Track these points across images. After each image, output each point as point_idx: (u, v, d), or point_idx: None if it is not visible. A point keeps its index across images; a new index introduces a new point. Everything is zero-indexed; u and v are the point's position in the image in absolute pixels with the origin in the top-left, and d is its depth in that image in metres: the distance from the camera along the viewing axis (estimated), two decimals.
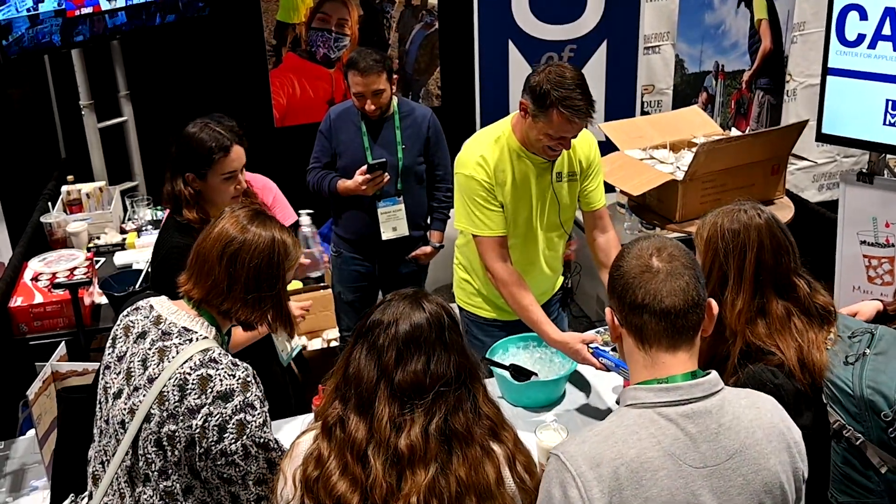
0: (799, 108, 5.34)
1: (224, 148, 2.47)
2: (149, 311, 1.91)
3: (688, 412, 1.50)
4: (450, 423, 1.60)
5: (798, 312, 2.00)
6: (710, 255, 2.03)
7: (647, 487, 1.44)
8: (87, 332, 3.28)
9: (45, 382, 2.41)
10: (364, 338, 1.65)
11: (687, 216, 3.73)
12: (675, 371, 1.53)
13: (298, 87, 4.85)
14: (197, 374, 1.77)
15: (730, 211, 2.06)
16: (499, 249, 2.77)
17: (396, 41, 4.92)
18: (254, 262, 1.87)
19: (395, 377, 1.59)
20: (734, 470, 1.50)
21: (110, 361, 1.91)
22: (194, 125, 2.54)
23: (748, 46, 5.07)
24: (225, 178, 2.50)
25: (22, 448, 2.59)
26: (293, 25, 4.75)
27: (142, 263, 3.54)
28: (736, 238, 2.00)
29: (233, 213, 1.95)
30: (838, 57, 3.71)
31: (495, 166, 2.74)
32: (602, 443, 1.48)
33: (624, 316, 1.57)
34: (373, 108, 3.46)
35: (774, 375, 1.92)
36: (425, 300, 1.68)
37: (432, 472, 1.57)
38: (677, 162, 3.91)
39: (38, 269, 3.53)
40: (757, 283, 1.99)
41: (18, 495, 2.40)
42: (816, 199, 5.43)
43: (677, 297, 1.52)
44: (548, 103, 2.58)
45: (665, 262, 1.55)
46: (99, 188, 4.18)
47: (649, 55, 4.95)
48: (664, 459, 1.46)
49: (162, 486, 1.80)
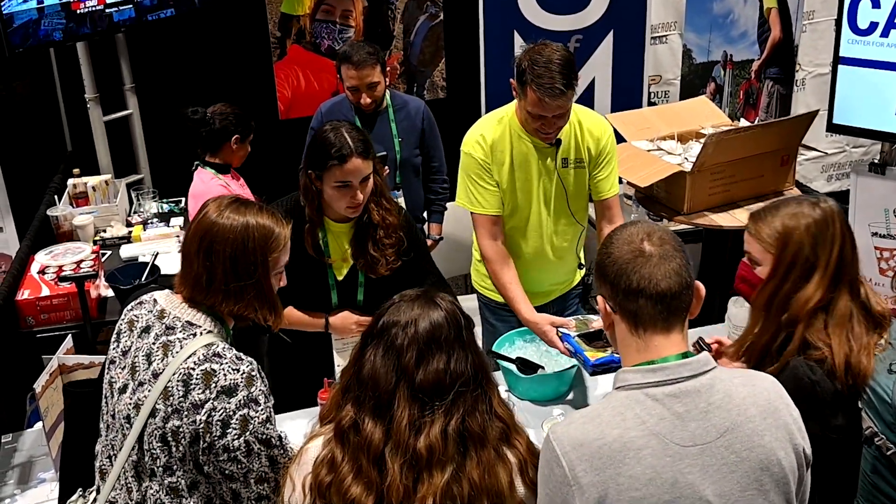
0: (808, 97, 5.30)
1: (341, 156, 2.40)
2: (153, 306, 1.89)
3: (675, 392, 1.52)
4: (467, 424, 1.59)
5: (860, 315, 1.96)
6: (792, 247, 1.96)
7: (631, 466, 1.46)
8: (93, 324, 3.28)
9: (52, 375, 2.42)
10: (378, 339, 1.63)
11: (695, 208, 3.70)
12: (668, 352, 1.55)
13: (303, 79, 4.83)
14: (201, 370, 1.76)
15: (803, 202, 2.02)
16: (490, 227, 2.79)
17: (401, 32, 4.89)
18: (227, 250, 1.81)
19: (416, 377, 1.58)
20: (726, 447, 1.50)
21: (115, 356, 1.90)
22: (330, 124, 2.50)
23: (757, 36, 5.03)
24: (336, 187, 2.44)
25: (29, 441, 2.60)
26: (297, 17, 4.74)
27: (148, 256, 3.54)
28: (825, 229, 1.96)
29: (214, 202, 1.89)
30: (850, 46, 3.67)
31: (494, 145, 2.74)
32: (587, 424, 1.52)
33: (618, 302, 1.58)
34: (368, 101, 3.44)
35: (812, 371, 1.88)
36: (438, 298, 1.67)
37: (448, 474, 1.56)
38: (685, 153, 3.88)
39: (44, 262, 3.53)
40: (837, 277, 1.95)
41: (26, 487, 2.42)
42: (826, 190, 5.39)
43: (672, 280, 1.54)
44: (524, 81, 2.57)
45: (657, 245, 1.56)
46: (105, 181, 4.18)
47: (656, 45, 4.91)
48: (648, 439, 1.48)
49: (167, 481, 1.80)
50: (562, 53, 2.57)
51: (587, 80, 4.78)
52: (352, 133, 2.45)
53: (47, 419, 2.36)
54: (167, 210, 4.20)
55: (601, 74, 4.75)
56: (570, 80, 2.55)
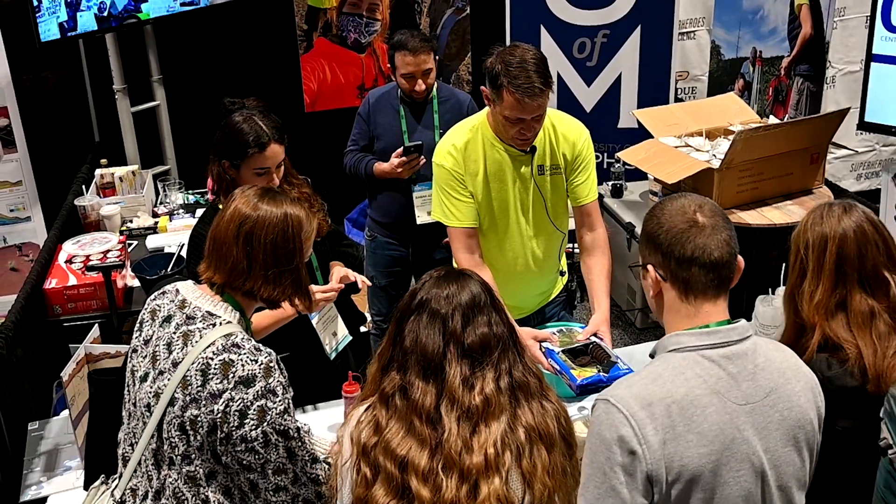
0: (838, 95, 5.23)
1: (260, 144, 2.45)
2: (174, 295, 1.91)
3: (727, 354, 1.59)
4: (514, 377, 1.70)
5: (885, 313, 1.95)
6: (793, 249, 2.06)
7: (699, 423, 1.53)
8: (119, 314, 3.30)
9: (79, 364, 2.44)
10: (417, 312, 1.71)
11: (723, 205, 3.61)
12: (715, 319, 1.63)
13: (329, 72, 4.85)
14: (219, 359, 1.77)
15: (818, 207, 2.07)
16: (466, 241, 2.70)
17: (427, 26, 4.89)
18: (269, 237, 1.87)
19: (465, 339, 1.68)
20: (771, 406, 1.60)
21: (137, 345, 1.92)
22: (240, 114, 2.53)
23: (788, 32, 4.97)
24: (256, 173, 2.49)
25: (56, 428, 2.62)
26: (324, 10, 4.75)
27: (173, 247, 3.56)
28: (817, 230, 2.01)
29: (243, 193, 1.95)
30: (883, 43, 3.63)
31: (467, 156, 2.66)
32: (651, 384, 1.57)
33: (670, 270, 1.64)
34: (423, 87, 3.47)
35: (828, 366, 1.91)
36: (466, 273, 1.78)
37: (504, 423, 1.66)
38: (713, 150, 3.84)
39: (71, 252, 3.56)
40: (839, 275, 1.97)
41: (53, 474, 2.43)
42: (855, 189, 5.32)
43: (723, 250, 1.61)
44: (499, 84, 2.48)
45: (708, 217, 1.63)
46: (132, 172, 4.21)
47: (684, 41, 4.87)
48: (711, 397, 1.56)
49: (185, 470, 1.81)
50: (534, 53, 2.50)
51: (614, 75, 4.76)
52: (265, 121, 2.50)
53: (73, 407, 2.38)
54: (193, 201, 4.22)
55: (628, 70, 4.72)
56: (546, 80, 2.48)
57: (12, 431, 2.64)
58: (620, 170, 4.42)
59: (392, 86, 3.62)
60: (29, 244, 4.23)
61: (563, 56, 4.72)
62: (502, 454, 1.64)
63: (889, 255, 1.99)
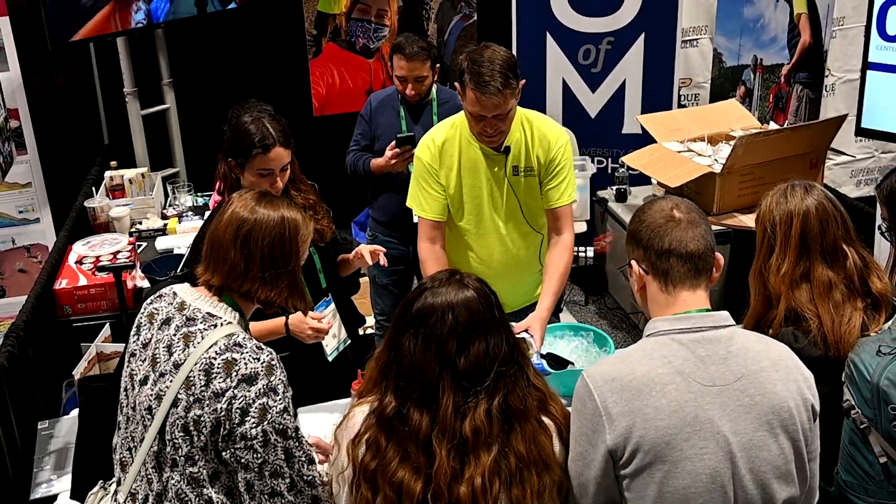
0: (838, 102, 5.26)
1: (265, 145, 2.48)
2: (172, 298, 1.93)
3: (698, 338, 1.71)
4: (509, 402, 1.69)
5: (842, 285, 2.09)
6: (760, 228, 2.19)
7: (656, 398, 1.66)
8: (129, 314, 3.31)
9: (91, 363, 2.47)
10: (414, 327, 1.70)
11: (724, 209, 3.71)
12: (694, 307, 1.75)
13: (338, 76, 4.89)
14: (222, 358, 1.78)
15: (780, 188, 2.19)
16: (429, 231, 2.84)
17: (435, 32, 4.94)
18: (266, 240, 1.89)
19: (459, 365, 1.66)
20: (741, 391, 1.69)
21: (135, 349, 1.92)
22: (250, 114, 2.57)
23: (787, 41, 5.01)
24: (260, 174, 2.52)
25: (65, 427, 2.64)
26: (333, 16, 4.79)
27: (183, 248, 3.59)
28: (783, 208, 2.14)
29: (240, 196, 1.97)
30: (878, 52, 3.66)
31: (444, 150, 2.77)
32: (619, 363, 1.73)
33: (651, 263, 1.77)
34: (412, 92, 3.55)
35: (795, 339, 2.04)
36: (465, 278, 1.76)
37: (494, 452, 1.66)
38: (715, 155, 3.89)
39: (82, 253, 3.58)
40: (803, 248, 2.10)
41: (62, 473, 2.45)
42: (855, 195, 5.35)
43: (699, 242, 1.75)
44: (463, 80, 2.59)
45: (684, 213, 1.77)
46: (141, 174, 4.24)
47: (687, 48, 4.91)
48: (673, 376, 1.68)
49: (188, 471, 1.81)
50: (502, 54, 2.58)
51: (618, 81, 4.80)
52: (272, 123, 2.53)
53: None
54: (202, 203, 4.25)
55: (632, 76, 4.76)
56: (507, 80, 2.54)
57: (22, 430, 2.65)
58: (624, 174, 4.46)
59: (394, 88, 3.68)
60: (37, 245, 4.26)
61: (568, 62, 4.77)
62: (491, 486, 1.65)
63: (846, 229, 2.13)
